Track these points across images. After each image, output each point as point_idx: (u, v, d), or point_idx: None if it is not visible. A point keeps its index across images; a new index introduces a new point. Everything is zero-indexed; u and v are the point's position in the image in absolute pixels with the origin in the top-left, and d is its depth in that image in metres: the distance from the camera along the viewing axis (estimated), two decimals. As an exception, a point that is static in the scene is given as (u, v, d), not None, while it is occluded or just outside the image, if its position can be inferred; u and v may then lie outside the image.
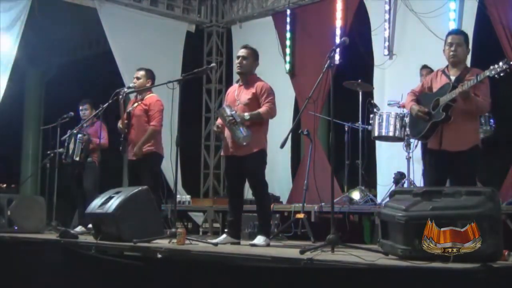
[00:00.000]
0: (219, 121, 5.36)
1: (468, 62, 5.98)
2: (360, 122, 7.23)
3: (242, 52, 5.33)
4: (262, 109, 5.12)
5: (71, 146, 7.08)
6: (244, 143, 5.03)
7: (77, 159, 7.03)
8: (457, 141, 4.55)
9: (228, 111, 5.07)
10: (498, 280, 2.91)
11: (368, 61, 8.31)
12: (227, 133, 5.25)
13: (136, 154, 6.04)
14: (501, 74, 4.23)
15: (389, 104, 7.09)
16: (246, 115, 5.07)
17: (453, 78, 4.62)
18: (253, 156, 5.11)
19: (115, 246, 4.75)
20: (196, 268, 4.02)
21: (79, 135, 7.06)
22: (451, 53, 4.61)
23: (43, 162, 7.58)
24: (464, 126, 4.56)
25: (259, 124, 5.16)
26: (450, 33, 4.74)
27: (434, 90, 4.73)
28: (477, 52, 6.12)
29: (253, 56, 5.33)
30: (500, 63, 4.21)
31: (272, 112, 5.17)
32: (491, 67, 4.28)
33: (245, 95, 5.23)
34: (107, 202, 5.20)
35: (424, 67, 6.68)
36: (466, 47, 4.65)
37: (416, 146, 6.74)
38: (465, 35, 4.72)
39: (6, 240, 5.81)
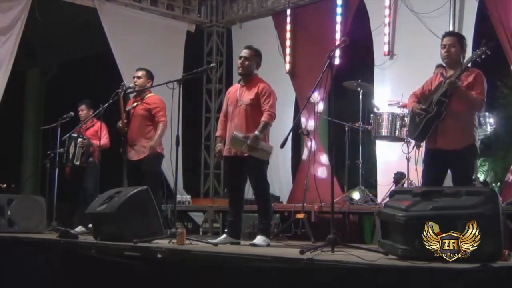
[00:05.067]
0: (218, 148, 5.33)
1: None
2: (360, 122, 7.23)
3: (244, 52, 5.28)
4: (265, 118, 5.08)
5: (71, 150, 7.03)
6: (269, 156, 5.07)
7: (77, 163, 7.00)
8: (452, 139, 4.57)
9: (240, 136, 4.99)
10: (498, 280, 2.91)
11: (368, 61, 8.31)
12: (228, 133, 5.25)
13: (154, 148, 6.04)
14: (483, 56, 4.50)
15: (389, 104, 7.09)
16: (258, 133, 4.99)
17: (449, 78, 4.69)
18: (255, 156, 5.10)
19: (115, 246, 4.74)
20: (196, 268, 4.02)
21: (79, 139, 7.02)
22: (444, 54, 4.69)
23: (43, 162, 7.55)
24: (459, 125, 4.58)
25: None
26: (443, 36, 4.81)
27: (433, 91, 4.77)
28: (477, 52, 6.10)
29: (255, 57, 5.29)
30: (481, 47, 4.52)
31: (273, 116, 5.14)
32: (473, 52, 4.57)
33: (248, 95, 5.21)
34: (107, 202, 5.20)
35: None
36: (460, 48, 4.69)
37: (414, 146, 6.73)
38: (458, 36, 4.80)
39: (6, 240, 5.81)
